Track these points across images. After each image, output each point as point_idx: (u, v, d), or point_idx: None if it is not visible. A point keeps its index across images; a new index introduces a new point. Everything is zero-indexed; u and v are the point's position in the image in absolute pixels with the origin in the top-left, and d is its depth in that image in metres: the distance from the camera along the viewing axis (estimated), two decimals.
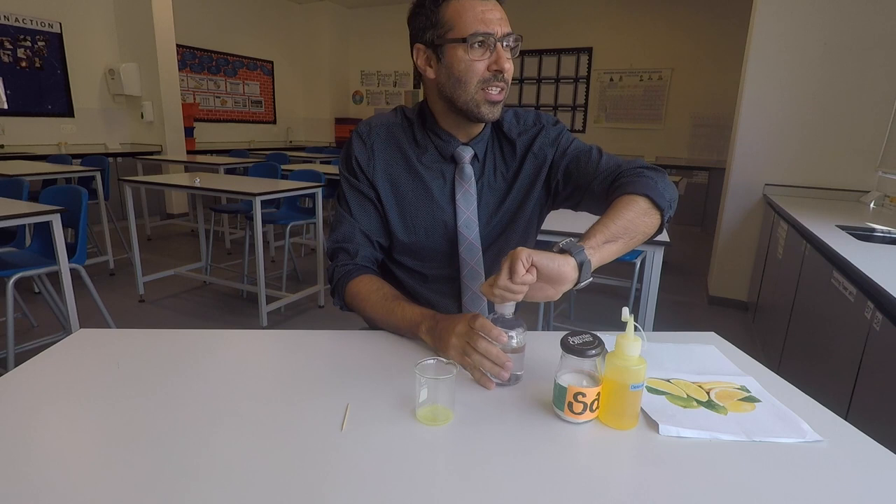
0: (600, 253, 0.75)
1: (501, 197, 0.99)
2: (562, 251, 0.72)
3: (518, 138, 1.00)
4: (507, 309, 0.73)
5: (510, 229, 1.00)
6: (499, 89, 0.87)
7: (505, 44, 0.85)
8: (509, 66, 0.86)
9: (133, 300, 3.18)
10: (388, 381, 0.72)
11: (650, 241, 1.93)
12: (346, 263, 0.96)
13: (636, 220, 0.80)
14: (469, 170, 0.96)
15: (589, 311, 3.26)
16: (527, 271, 0.67)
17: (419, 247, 0.98)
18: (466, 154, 0.96)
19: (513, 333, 0.72)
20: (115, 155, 5.17)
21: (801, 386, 0.73)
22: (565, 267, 0.69)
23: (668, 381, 0.74)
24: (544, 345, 0.85)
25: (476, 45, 0.84)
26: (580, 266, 0.71)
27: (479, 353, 0.71)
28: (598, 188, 0.92)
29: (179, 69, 5.64)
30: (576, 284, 0.72)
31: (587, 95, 6.67)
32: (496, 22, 0.84)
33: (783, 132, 3.12)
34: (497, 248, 0.99)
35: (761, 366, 0.80)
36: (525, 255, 0.67)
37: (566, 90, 6.76)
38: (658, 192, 0.83)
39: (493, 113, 0.89)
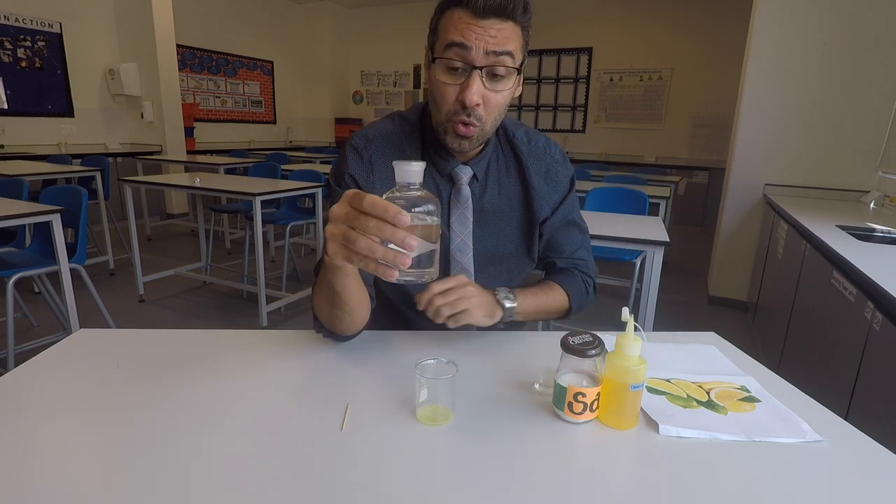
0: (522, 310, 0.87)
1: (503, 217, 0.93)
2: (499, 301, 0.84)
3: (527, 160, 0.93)
4: (413, 175, 0.56)
5: (504, 254, 0.95)
6: (466, 125, 0.78)
7: (485, 71, 0.74)
8: (474, 101, 0.74)
9: (133, 300, 3.18)
10: (388, 381, 0.72)
11: (650, 242, 1.93)
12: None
13: (550, 309, 0.94)
14: (466, 192, 0.89)
15: (589, 311, 3.25)
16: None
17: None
18: (464, 174, 0.89)
19: (419, 209, 0.55)
20: (115, 155, 5.17)
21: (801, 386, 0.73)
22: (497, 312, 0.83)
23: (668, 381, 0.74)
24: (544, 345, 0.86)
25: (448, 68, 0.75)
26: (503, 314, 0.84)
27: (368, 237, 0.54)
28: (551, 251, 1.00)
29: (179, 69, 5.64)
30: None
31: (587, 95, 6.67)
32: (481, 39, 0.72)
33: (783, 132, 3.12)
34: (490, 271, 0.94)
35: (761, 366, 0.80)
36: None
37: (566, 90, 6.76)
38: (579, 304, 0.97)
39: (459, 145, 0.81)
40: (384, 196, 0.55)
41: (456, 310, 0.76)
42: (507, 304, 0.84)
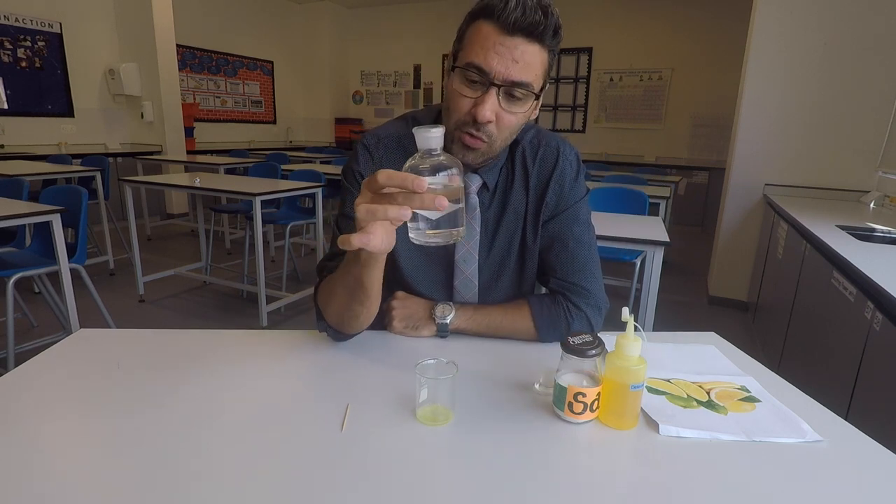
0: (466, 325, 0.87)
1: (509, 229, 0.91)
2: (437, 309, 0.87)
3: (534, 169, 0.89)
4: (433, 140, 0.57)
5: (507, 264, 0.93)
6: (474, 137, 0.76)
7: (502, 90, 0.72)
8: (487, 117, 0.73)
9: (133, 300, 3.18)
10: (388, 381, 0.72)
11: (650, 242, 1.92)
12: (322, 279, 0.85)
13: (510, 329, 0.88)
14: (474, 200, 0.88)
15: None
16: None
17: (417, 272, 0.91)
18: (473, 183, 0.87)
19: (443, 173, 0.57)
20: (115, 155, 5.17)
21: (801, 386, 0.73)
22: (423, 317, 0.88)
23: (668, 381, 0.74)
24: (544, 345, 0.86)
25: (467, 79, 0.74)
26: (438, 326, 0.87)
27: (398, 206, 0.56)
28: (544, 270, 0.94)
29: (179, 69, 5.64)
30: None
31: (587, 95, 6.67)
32: (503, 62, 0.70)
33: (783, 132, 3.12)
34: (495, 283, 0.93)
35: (761, 366, 0.80)
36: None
37: (566, 90, 6.76)
38: (548, 332, 0.86)
39: (464, 156, 0.79)
40: (408, 162, 0.58)
41: (385, 319, 0.88)
42: (440, 321, 0.86)
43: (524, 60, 0.71)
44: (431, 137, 0.57)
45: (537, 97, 0.76)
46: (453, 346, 0.85)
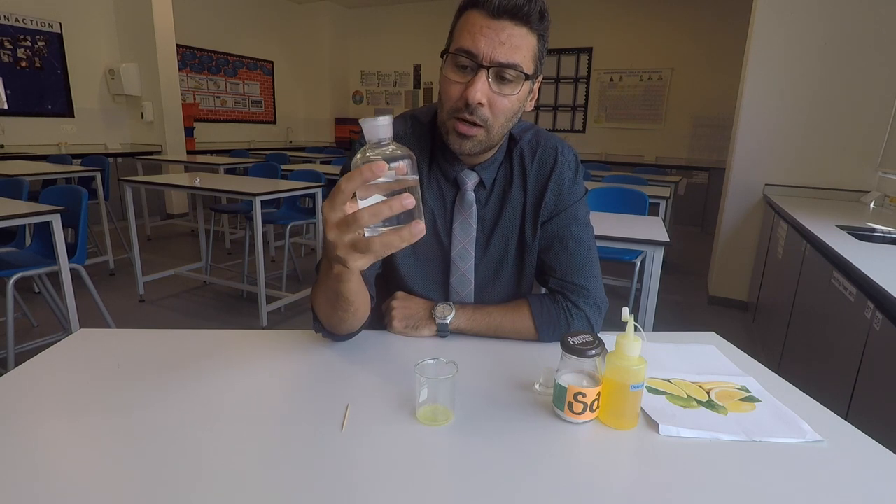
0: (466, 325, 0.87)
1: (506, 227, 0.91)
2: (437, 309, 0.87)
3: (532, 168, 0.89)
4: (382, 129, 0.54)
5: (504, 263, 0.93)
6: (468, 124, 0.76)
7: (492, 72, 0.73)
8: (477, 98, 0.73)
9: (133, 300, 3.18)
10: (388, 381, 0.72)
11: (650, 242, 1.92)
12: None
13: (510, 329, 0.88)
14: (470, 197, 0.88)
15: None
16: None
17: (412, 269, 0.92)
18: (469, 180, 0.88)
19: (395, 164, 0.53)
20: (115, 155, 5.17)
21: (801, 386, 0.73)
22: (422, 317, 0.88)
23: (668, 381, 0.74)
24: (544, 345, 0.86)
25: (457, 65, 0.75)
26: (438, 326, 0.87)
27: (371, 223, 0.55)
28: (544, 270, 0.94)
29: (179, 69, 5.64)
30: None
31: (587, 95, 6.67)
32: (490, 44, 0.72)
33: (783, 132, 3.12)
34: (492, 282, 0.94)
35: (761, 366, 0.80)
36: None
37: (566, 90, 6.76)
38: (548, 332, 0.87)
39: (460, 146, 0.79)
40: (357, 157, 0.55)
41: (385, 319, 0.89)
42: (440, 321, 0.86)
43: (511, 43, 0.72)
44: (379, 126, 0.54)
45: (528, 78, 0.76)
46: (453, 346, 0.85)
